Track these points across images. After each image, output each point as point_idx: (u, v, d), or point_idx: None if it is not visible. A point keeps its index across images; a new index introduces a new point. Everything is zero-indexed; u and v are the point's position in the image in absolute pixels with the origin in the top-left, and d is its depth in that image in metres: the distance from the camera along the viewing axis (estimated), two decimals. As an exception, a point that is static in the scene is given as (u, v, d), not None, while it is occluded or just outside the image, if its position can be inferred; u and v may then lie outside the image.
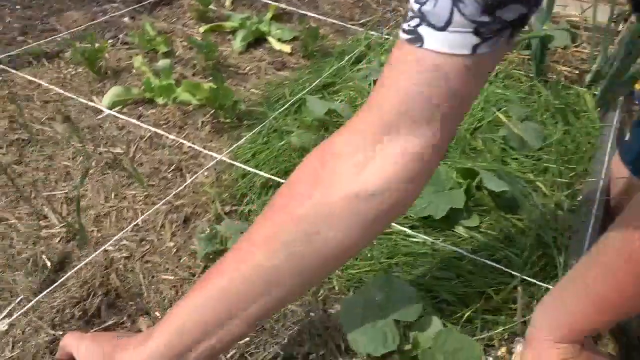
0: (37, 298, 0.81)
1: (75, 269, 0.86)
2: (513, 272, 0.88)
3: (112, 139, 1.22)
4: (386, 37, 1.61)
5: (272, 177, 1.02)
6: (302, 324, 0.82)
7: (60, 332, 0.78)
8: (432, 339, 0.70)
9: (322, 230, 0.57)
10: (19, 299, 0.84)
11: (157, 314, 0.84)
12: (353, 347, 0.72)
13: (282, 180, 1.00)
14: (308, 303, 0.86)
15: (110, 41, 1.62)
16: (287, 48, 1.63)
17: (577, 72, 1.50)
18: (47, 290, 0.80)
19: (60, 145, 1.19)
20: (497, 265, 0.89)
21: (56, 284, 0.83)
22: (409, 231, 0.95)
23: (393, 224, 0.97)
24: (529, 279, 0.87)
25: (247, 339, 0.81)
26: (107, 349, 0.61)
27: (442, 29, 0.49)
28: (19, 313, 0.81)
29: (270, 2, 1.85)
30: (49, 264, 0.90)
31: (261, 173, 1.03)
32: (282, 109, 1.26)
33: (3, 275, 0.87)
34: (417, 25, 0.50)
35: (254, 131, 1.19)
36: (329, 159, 0.58)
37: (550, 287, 0.86)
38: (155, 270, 0.91)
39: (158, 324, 0.60)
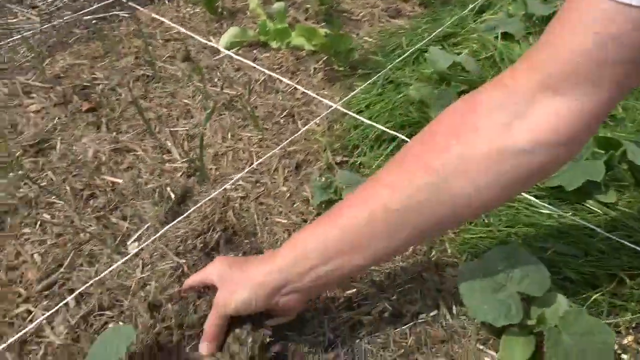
0: (164, 228, 0.86)
1: (198, 205, 0.91)
2: (653, 257, 0.79)
3: (229, 80, 1.24)
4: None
5: (388, 131, 0.98)
6: (414, 283, 0.81)
7: (184, 261, 0.83)
8: (560, 318, 0.65)
9: (454, 184, 0.56)
10: (146, 225, 0.90)
11: (270, 254, 0.86)
12: (470, 314, 0.70)
13: (398, 134, 0.97)
14: (420, 263, 0.84)
15: (227, -19, 1.63)
16: (403, -6, 1.54)
17: None
18: (174, 222, 0.84)
19: (181, 83, 1.23)
20: (636, 247, 0.81)
21: (182, 216, 0.88)
22: (534, 200, 0.89)
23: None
24: (671, 266, 0.78)
25: (355, 290, 0.81)
26: (238, 263, 0.68)
27: None
28: (147, 242, 0.87)
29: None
30: (172, 196, 0.95)
31: (376, 125, 1.00)
32: (399, 59, 1.20)
33: (133, 202, 0.94)
34: None
35: (368, 81, 1.16)
36: (473, 113, 0.55)
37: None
38: (269, 213, 0.93)
39: (284, 245, 0.66)
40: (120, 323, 0.75)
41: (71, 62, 1.29)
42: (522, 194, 0.91)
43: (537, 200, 0.89)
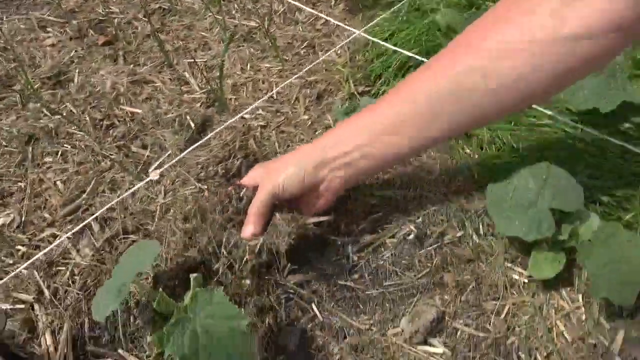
0: (185, 152, 0.85)
1: (217, 130, 0.89)
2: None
3: (247, 12, 1.20)
4: None
5: (414, 56, 0.94)
6: (439, 206, 0.79)
7: (205, 187, 0.83)
8: (593, 233, 0.63)
9: (503, 68, 0.55)
10: (167, 153, 0.89)
11: (292, 181, 0.85)
12: (500, 231, 0.68)
13: (424, 60, 0.93)
14: (446, 187, 0.82)
15: None
16: None
17: None
18: (194, 146, 0.83)
19: (198, 15, 1.20)
20: (674, 169, 0.77)
21: (202, 140, 0.87)
22: (562, 119, 0.85)
23: (543, 110, 0.88)
24: None
25: (380, 213, 0.80)
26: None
27: None
28: (169, 168, 0.86)
29: None
30: (192, 124, 0.93)
31: (401, 50, 0.96)
32: (424, -15, 1.14)
33: (153, 131, 0.93)
34: None
35: (392, 9, 1.10)
36: (519, 4, 0.54)
37: None
38: (290, 140, 0.91)
39: (330, 130, 0.71)
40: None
41: (85, -3, 1.26)
42: (553, 117, 0.87)
43: (568, 121, 0.85)
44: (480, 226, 0.76)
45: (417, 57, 0.94)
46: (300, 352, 0.66)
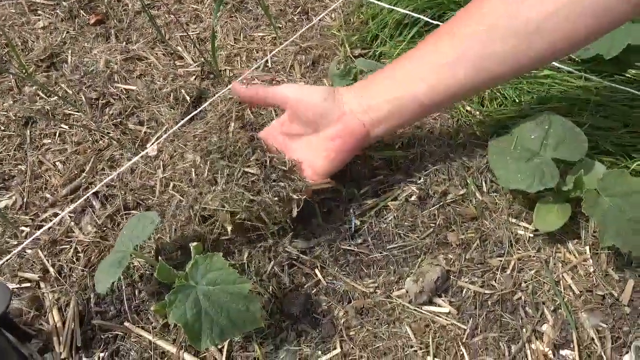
0: (179, 123, 0.84)
1: (212, 99, 0.88)
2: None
3: (237, -19, 1.17)
4: None
5: (410, 13, 0.91)
6: (440, 165, 0.78)
7: (200, 158, 0.82)
8: (599, 181, 0.61)
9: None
10: (164, 127, 0.88)
11: (291, 149, 0.84)
12: (502, 184, 0.67)
13: (421, 17, 0.90)
14: (447, 145, 0.80)
15: None
16: None
17: None
18: (187, 117, 0.82)
19: (188, -12, 1.17)
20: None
21: (196, 111, 0.86)
22: (565, 68, 0.82)
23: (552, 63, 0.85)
24: None
25: (381, 176, 0.79)
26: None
27: None
28: (166, 143, 0.86)
29: None
30: (188, 98, 0.92)
31: (397, 9, 0.93)
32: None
33: (149, 106, 0.92)
34: None
35: (385, -33, 1.07)
36: None
37: None
38: (287, 108, 0.90)
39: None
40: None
41: (74, -22, 1.24)
42: (556, 67, 0.85)
43: (572, 70, 0.82)
44: (484, 183, 0.74)
45: (413, 14, 0.91)
46: (305, 317, 0.66)
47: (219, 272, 0.56)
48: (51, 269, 0.71)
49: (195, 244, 0.62)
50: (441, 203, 0.74)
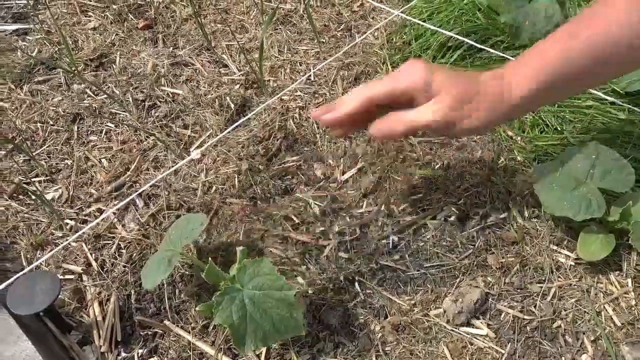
0: (226, 131, 0.86)
1: (257, 110, 0.90)
2: None
3: (283, -5, 1.20)
4: None
5: (455, 36, 0.93)
6: (482, 187, 0.78)
7: (247, 166, 0.83)
8: (647, 213, 0.61)
9: None
10: (208, 132, 0.90)
11: (331, 161, 0.85)
12: (547, 210, 0.67)
13: (466, 40, 0.91)
14: (489, 168, 0.81)
15: None
16: None
17: None
18: (234, 125, 0.84)
19: (235, -1, 1.20)
20: None
21: (242, 120, 0.87)
22: (610, 99, 0.83)
23: (593, 90, 0.86)
24: None
25: (420, 194, 0.80)
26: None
27: None
28: (210, 148, 0.87)
29: None
30: (232, 105, 0.94)
31: (441, 31, 0.95)
32: (464, -34, 1.12)
33: (194, 111, 0.94)
34: None
35: (431, -10, 1.09)
36: None
37: None
38: (329, 121, 0.91)
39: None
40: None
41: (124, -18, 1.28)
42: (599, 92, 0.85)
43: (615, 100, 0.82)
44: (525, 208, 0.75)
45: (457, 37, 0.93)
46: (343, 329, 0.66)
47: (266, 277, 0.57)
48: (94, 263, 0.73)
49: (241, 247, 0.63)
50: (481, 225, 0.74)
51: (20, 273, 0.62)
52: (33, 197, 0.80)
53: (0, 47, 1.09)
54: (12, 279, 0.61)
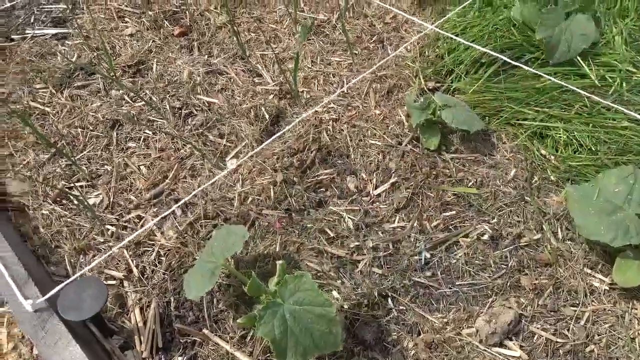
0: (262, 145, 0.87)
1: (292, 124, 0.91)
2: None
3: (316, 4, 1.21)
4: None
5: (489, 52, 0.93)
6: (515, 207, 0.79)
7: (282, 178, 0.85)
8: (686, 243, 0.62)
9: None
10: (244, 143, 0.92)
11: (364, 175, 0.86)
12: (582, 234, 0.67)
13: (500, 56, 0.91)
14: (522, 188, 0.82)
15: None
16: None
17: None
18: (271, 139, 0.85)
19: (268, 8, 1.22)
20: None
21: (279, 133, 0.89)
22: (651, 127, 0.83)
23: (624, 110, 0.85)
24: None
25: (453, 212, 0.81)
26: None
27: None
28: (245, 158, 0.89)
29: None
30: (267, 116, 0.96)
31: (475, 46, 0.95)
32: (498, -19, 1.12)
33: (229, 121, 0.96)
34: None
35: (464, 4, 1.09)
36: None
37: None
38: (362, 135, 0.92)
39: None
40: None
41: (160, -12, 1.30)
42: (635, 119, 0.85)
43: (655, 127, 0.82)
44: (559, 230, 0.75)
45: (492, 52, 0.93)
46: (377, 345, 0.67)
47: (307, 293, 0.58)
48: (135, 270, 0.75)
49: (281, 261, 0.64)
50: (515, 245, 0.75)
51: (70, 279, 0.64)
52: (75, 201, 0.83)
53: (41, 52, 1.12)
54: (61, 285, 0.63)
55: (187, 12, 1.22)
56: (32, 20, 1.23)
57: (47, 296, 0.62)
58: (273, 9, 1.22)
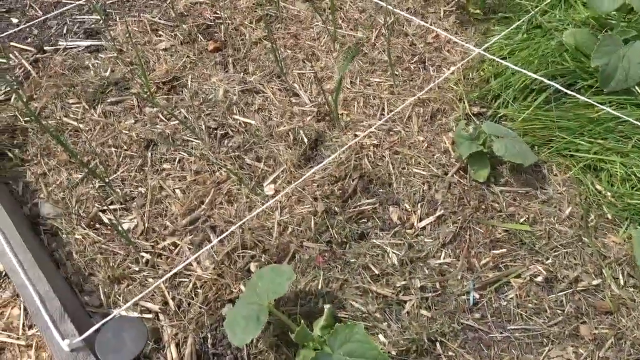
0: (304, 176, 0.84)
1: (337, 154, 0.88)
2: None
3: (354, 22, 1.18)
4: None
5: (540, 78, 0.89)
6: (571, 247, 0.74)
7: (323, 208, 0.82)
8: None
9: None
10: (282, 168, 0.89)
11: (407, 206, 0.83)
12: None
13: (552, 84, 0.87)
14: (578, 226, 0.77)
15: None
16: None
17: None
18: (314, 169, 0.82)
19: (304, 24, 1.19)
20: None
21: (322, 164, 0.86)
22: None
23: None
24: None
25: (504, 250, 0.76)
26: None
27: None
28: (284, 185, 0.86)
29: None
30: (305, 140, 0.93)
31: (526, 72, 0.91)
32: (547, 1, 1.08)
33: (267, 144, 0.93)
34: None
35: (512, 26, 1.05)
36: None
37: None
38: (405, 163, 0.89)
39: None
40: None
41: (193, 1, 1.28)
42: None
43: None
44: (621, 275, 0.71)
45: (543, 79, 0.88)
46: (426, 394, 0.64)
47: (359, 345, 0.55)
48: (171, 302, 0.72)
49: (328, 305, 0.61)
50: (571, 290, 0.71)
51: (108, 317, 0.62)
52: (109, 226, 0.80)
53: (74, 65, 1.10)
54: (99, 324, 0.61)
55: (221, 25, 1.19)
56: (64, 31, 1.21)
57: (83, 336, 0.60)
58: (310, 25, 1.19)
